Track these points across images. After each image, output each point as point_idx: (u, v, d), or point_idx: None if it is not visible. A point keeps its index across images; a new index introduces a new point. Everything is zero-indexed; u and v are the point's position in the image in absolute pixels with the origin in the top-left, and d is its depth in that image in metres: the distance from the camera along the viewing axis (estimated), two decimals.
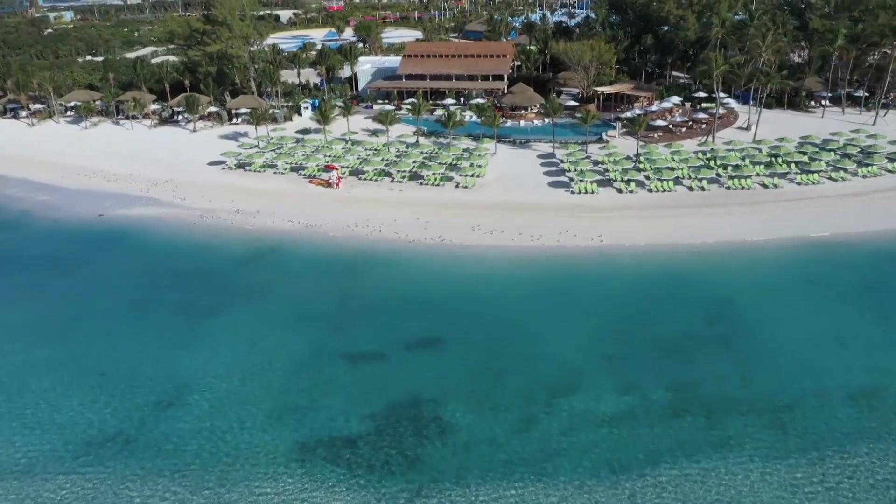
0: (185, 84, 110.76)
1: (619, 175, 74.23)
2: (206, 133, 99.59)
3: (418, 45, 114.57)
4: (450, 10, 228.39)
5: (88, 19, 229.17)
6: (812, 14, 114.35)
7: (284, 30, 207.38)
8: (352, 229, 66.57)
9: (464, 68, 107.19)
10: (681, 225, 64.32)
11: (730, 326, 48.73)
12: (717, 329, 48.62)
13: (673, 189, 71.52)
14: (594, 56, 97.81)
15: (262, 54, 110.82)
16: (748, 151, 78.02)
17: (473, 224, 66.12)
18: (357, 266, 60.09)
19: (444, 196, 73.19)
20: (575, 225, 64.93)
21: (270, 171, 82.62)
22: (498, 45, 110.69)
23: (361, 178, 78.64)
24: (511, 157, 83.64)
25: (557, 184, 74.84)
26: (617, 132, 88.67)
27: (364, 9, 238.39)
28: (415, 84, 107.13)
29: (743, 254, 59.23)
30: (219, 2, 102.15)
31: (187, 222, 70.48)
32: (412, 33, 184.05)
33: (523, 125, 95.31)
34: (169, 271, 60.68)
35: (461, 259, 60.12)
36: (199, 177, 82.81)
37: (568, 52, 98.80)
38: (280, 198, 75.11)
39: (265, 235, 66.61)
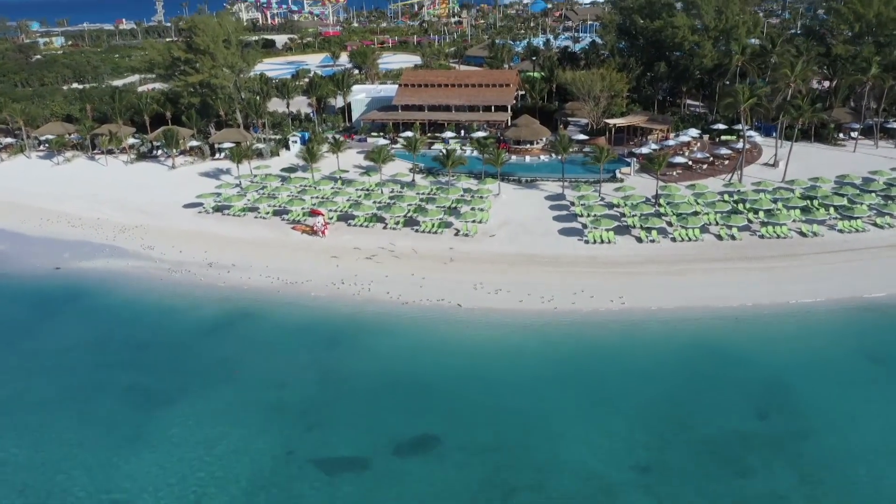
0: (167, 116, 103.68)
1: (637, 221, 66.33)
2: (186, 170, 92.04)
3: (415, 73, 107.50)
4: (450, 35, 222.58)
5: (79, 45, 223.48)
6: (833, 39, 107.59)
7: (279, 55, 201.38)
8: (337, 287, 58.54)
9: (464, 98, 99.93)
10: (713, 282, 56.23)
11: (787, 422, 40.45)
12: (772, 425, 40.33)
13: (699, 238, 63.54)
14: (605, 86, 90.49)
15: (248, 84, 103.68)
16: (781, 194, 70.13)
17: (475, 281, 58.10)
18: (341, 336, 51.92)
19: (443, 245, 65.26)
20: (591, 283, 56.86)
21: (251, 214, 74.82)
22: (501, 73, 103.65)
23: (351, 223, 70.78)
24: (516, 198, 75.85)
25: (569, 231, 66.91)
26: (632, 169, 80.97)
27: (362, 33, 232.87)
28: (411, 116, 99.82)
29: (788, 320, 51.07)
30: (201, 29, 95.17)
31: (153, 278, 62.50)
32: (411, 58, 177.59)
33: (529, 161, 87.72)
34: (124, 343, 52.52)
35: (461, 327, 51.99)
36: (173, 221, 75.01)
37: (576, 81, 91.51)
38: (259, 247, 67.23)
39: (239, 295, 58.56)
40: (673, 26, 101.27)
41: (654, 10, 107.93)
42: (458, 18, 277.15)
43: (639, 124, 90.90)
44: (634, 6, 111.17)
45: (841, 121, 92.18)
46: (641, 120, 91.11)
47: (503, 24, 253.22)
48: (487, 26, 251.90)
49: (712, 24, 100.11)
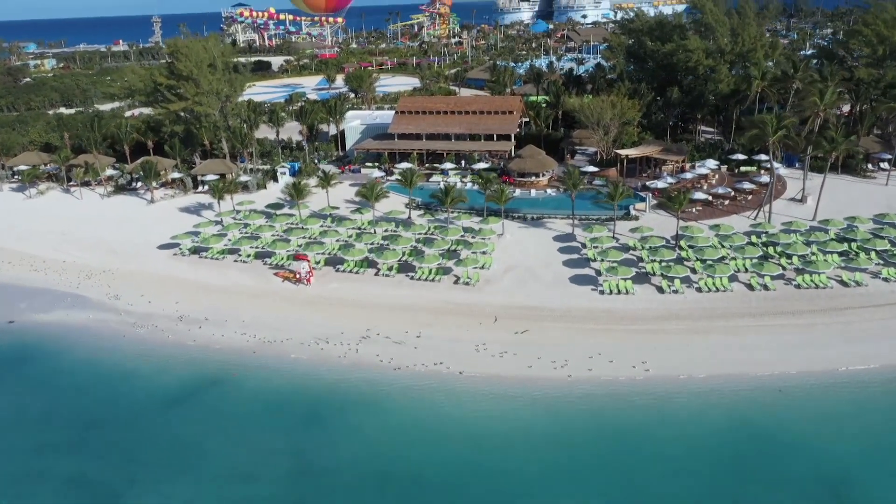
0: (148, 145, 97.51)
1: (657, 268, 59.59)
2: (166, 204, 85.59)
3: (412, 100, 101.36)
4: (450, 56, 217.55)
5: (70, 67, 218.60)
6: (855, 62, 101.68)
7: (275, 77, 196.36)
8: (321, 348, 51.70)
9: (464, 127, 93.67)
10: (747, 343, 49.33)
11: None
12: None
13: (728, 288, 56.69)
14: (615, 114, 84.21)
15: (236, 110, 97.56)
16: (816, 236, 63.32)
17: (478, 340, 51.28)
18: (322, 411, 44.97)
19: (441, 296, 58.48)
20: (609, 344, 49.99)
21: (231, 257, 68.18)
22: (503, 100, 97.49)
23: (339, 268, 64.06)
24: (522, 238, 69.17)
25: (581, 278, 60.10)
26: (647, 205, 74.37)
27: (360, 54, 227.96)
28: (408, 145, 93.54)
29: (841, 393, 44.12)
30: (183, 53, 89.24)
31: (115, 334, 55.71)
32: (410, 80, 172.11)
33: (534, 195, 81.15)
34: (72, 419, 45.61)
35: (462, 400, 45.10)
36: (145, 264, 68.37)
37: (584, 109, 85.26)
38: (237, 297, 60.49)
39: (209, 357, 51.71)
40: (686, 49, 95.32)
41: (665, 32, 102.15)
42: (459, 39, 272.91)
43: (652, 155, 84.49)
44: (644, 28, 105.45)
45: (870, 150, 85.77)
46: (655, 150, 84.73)
47: (504, 45, 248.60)
48: (488, 47, 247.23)
49: (728, 48, 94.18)
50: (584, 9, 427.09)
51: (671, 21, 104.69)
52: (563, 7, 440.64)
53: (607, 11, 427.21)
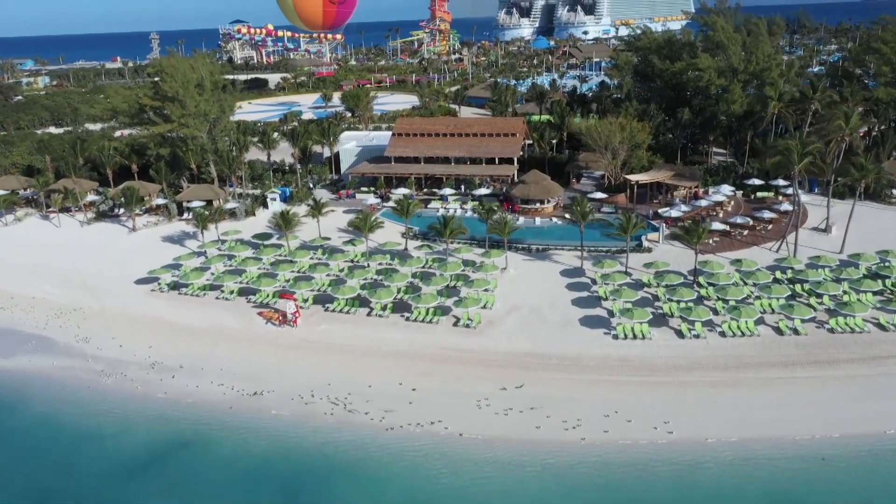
0: (132, 169, 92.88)
1: (675, 308, 54.48)
2: (149, 232, 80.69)
3: (410, 121, 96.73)
4: (450, 73, 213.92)
5: (63, 85, 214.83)
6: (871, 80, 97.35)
7: (272, 95, 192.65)
8: (305, 403, 46.51)
9: (465, 150, 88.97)
10: (782, 400, 44.13)
11: None
12: None
13: (755, 332, 51.54)
14: (625, 137, 79.52)
15: (225, 132, 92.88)
16: (848, 273, 58.20)
17: (479, 395, 46.10)
18: (304, 482, 39.76)
19: (439, 340, 53.35)
20: (625, 398, 44.82)
21: (213, 294, 63.14)
22: (506, 121, 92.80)
23: (329, 307, 58.98)
24: (527, 273, 64.14)
25: (593, 320, 54.97)
26: (661, 236, 69.43)
27: (359, 71, 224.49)
28: (405, 169, 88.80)
29: (892, 462, 38.83)
30: (169, 73, 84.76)
31: (79, 384, 50.59)
32: (408, 98, 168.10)
33: (539, 223, 76.26)
34: (20, 491, 40.33)
35: (462, 466, 39.87)
36: (120, 302, 63.33)
37: (592, 131, 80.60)
38: (216, 340, 55.39)
39: (181, 413, 46.52)
40: (697, 68, 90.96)
41: (674, 50, 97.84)
42: (459, 55, 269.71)
43: (664, 181, 79.68)
44: (652, 46, 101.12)
45: (893, 175, 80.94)
46: (666, 175, 79.91)
47: (505, 62, 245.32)
48: (489, 63, 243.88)
49: (741, 67, 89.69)
50: (585, 25, 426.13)
51: (680, 39, 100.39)
52: (564, 23, 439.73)
53: (608, 28, 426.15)
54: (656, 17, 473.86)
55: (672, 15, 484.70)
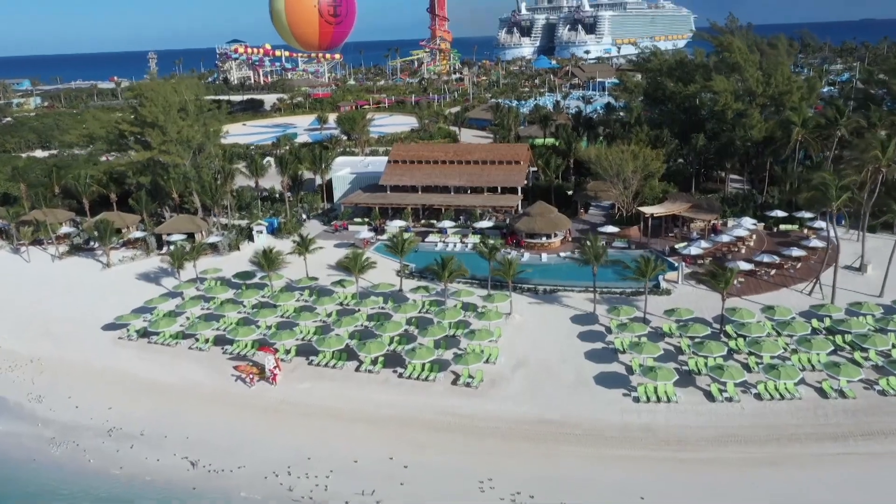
0: (111, 198, 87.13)
1: (703, 365, 48.24)
2: (124, 269, 74.69)
3: (406, 147, 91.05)
4: (450, 94, 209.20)
5: (54, 106, 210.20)
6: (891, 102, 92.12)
7: (267, 117, 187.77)
8: (280, 482, 40.14)
9: (465, 178, 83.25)
10: (838, 483, 37.72)
11: None
12: None
13: (795, 395, 45.22)
14: (637, 166, 73.74)
15: (209, 159, 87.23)
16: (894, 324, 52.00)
17: (482, 474, 39.74)
18: None
19: (436, 402, 47.06)
20: (652, 481, 38.44)
21: (186, 343, 56.94)
22: (509, 148, 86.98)
23: (314, 361, 52.73)
24: (534, 319, 57.97)
25: (609, 378, 48.69)
26: (680, 275, 63.33)
27: (357, 92, 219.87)
28: (402, 199, 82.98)
29: None
30: (149, 98, 79.32)
31: (25, 454, 44.32)
32: (407, 120, 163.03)
33: (545, 260, 70.27)
34: None
35: None
36: (83, 351, 57.14)
37: (602, 160, 74.80)
38: (185, 400, 49.13)
39: (137, 493, 40.18)
40: (712, 91, 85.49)
41: (687, 72, 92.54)
42: (460, 75, 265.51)
43: (681, 213, 73.73)
44: (662, 68, 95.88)
45: None
46: (683, 208, 73.95)
47: (506, 82, 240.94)
48: (490, 83, 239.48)
49: (760, 90, 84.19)
50: (586, 44, 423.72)
51: (692, 60, 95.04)
52: (565, 42, 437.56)
53: (608, 47, 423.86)
54: (657, 36, 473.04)
55: (673, 34, 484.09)
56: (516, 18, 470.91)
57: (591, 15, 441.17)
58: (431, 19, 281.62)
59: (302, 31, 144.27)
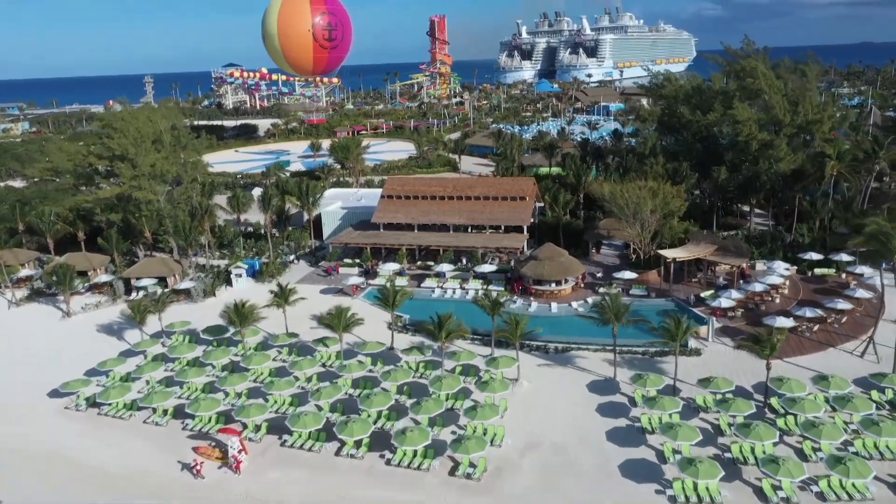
0: (79, 237, 79.90)
1: (748, 451, 40.35)
2: (85, 319, 67.16)
3: (402, 181, 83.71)
4: (450, 119, 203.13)
5: (41, 132, 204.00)
6: None
7: (261, 143, 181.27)
8: None
9: (465, 215, 75.93)
10: None
11: None
12: None
13: (867, 494, 37.23)
14: (657, 204, 66.41)
15: (185, 194, 79.99)
16: None
17: None
18: None
19: (431, 499, 39.06)
20: None
21: (142, 415, 49.05)
22: (514, 182, 79.57)
23: (287, 441, 44.78)
24: (545, 386, 50.15)
25: (637, 467, 40.72)
26: (710, 330, 55.62)
27: (355, 117, 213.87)
28: (396, 238, 75.57)
29: None
30: (118, 128, 72.37)
31: None
32: (405, 147, 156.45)
33: (555, 311, 62.69)
34: None
35: None
36: (20, 425, 49.19)
37: (617, 197, 67.49)
38: (130, 494, 41.08)
39: None
40: (734, 120, 78.48)
41: (705, 99, 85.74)
42: (460, 99, 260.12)
43: (706, 257, 66.20)
44: (679, 95, 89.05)
45: None
46: (708, 251, 66.40)
47: (508, 106, 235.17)
48: (491, 107, 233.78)
49: (787, 119, 77.21)
50: (588, 68, 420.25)
51: (710, 86, 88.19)
52: (566, 66, 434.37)
53: (610, 70, 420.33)
54: (658, 59, 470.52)
55: (674, 57, 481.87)
56: (517, 42, 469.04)
57: (592, 38, 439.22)
58: (431, 43, 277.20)
59: (295, 56, 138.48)
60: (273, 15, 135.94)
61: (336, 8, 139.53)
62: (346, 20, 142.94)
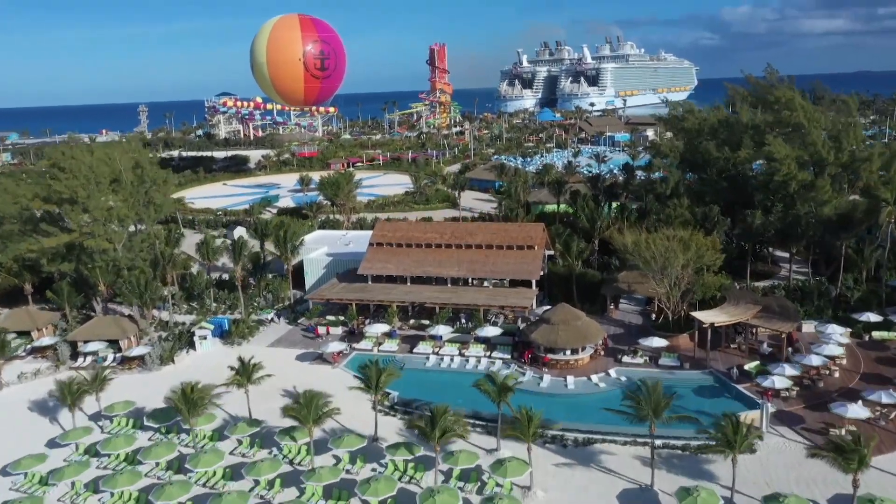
0: (25, 289, 70.24)
1: None
2: (19, 392, 57.07)
3: (392, 227, 73.59)
4: (450, 150, 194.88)
5: (22, 163, 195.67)
6: None
7: (251, 175, 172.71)
8: None
9: (466, 267, 66.30)
10: None
11: None
12: None
13: None
14: (690, 259, 56.68)
15: (148, 241, 70.41)
16: None
17: None
18: None
19: None
20: None
21: None
22: (521, 228, 69.52)
23: None
24: (564, 496, 39.91)
25: None
26: (764, 418, 45.49)
27: (350, 148, 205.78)
28: (385, 294, 65.74)
29: None
30: (66, 169, 63.10)
31: None
32: (402, 180, 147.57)
33: (571, 386, 52.66)
34: None
35: None
36: None
37: (643, 251, 57.77)
38: None
39: None
40: (770, 158, 69.22)
41: (734, 133, 76.65)
42: (460, 129, 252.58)
43: (749, 322, 56.27)
44: (703, 128, 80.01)
45: None
46: (750, 314, 56.47)
47: (510, 136, 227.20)
48: (492, 137, 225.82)
49: (830, 157, 67.96)
50: (589, 96, 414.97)
51: (737, 118, 79.07)
52: (567, 94, 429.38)
53: (611, 99, 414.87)
54: (660, 87, 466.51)
55: (675, 86, 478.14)
56: (517, 71, 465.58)
57: (593, 67, 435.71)
58: (431, 71, 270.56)
59: (285, 85, 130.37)
60: (262, 42, 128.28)
61: (329, 35, 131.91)
62: (340, 48, 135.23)
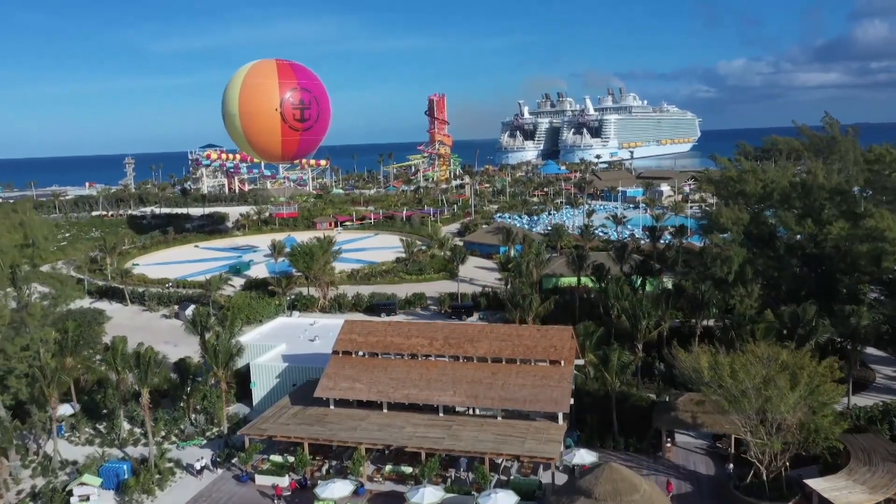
0: None
1: None
2: None
3: (363, 328, 53.11)
4: (449, 206, 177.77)
5: None
6: None
7: (227, 236, 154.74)
8: None
9: (465, 390, 46.91)
10: None
11: None
12: None
13: None
14: (802, 395, 37.41)
15: (33, 348, 51.43)
16: None
17: None
18: None
19: None
20: None
21: None
22: (542, 335, 49.26)
23: None
24: None
25: None
26: None
27: (340, 204, 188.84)
28: (350, 430, 46.08)
29: None
30: None
31: None
32: (393, 244, 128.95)
33: None
34: None
35: None
36: None
37: (725, 379, 38.60)
38: None
39: None
40: (873, 236, 50.92)
41: (814, 200, 58.53)
42: (461, 182, 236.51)
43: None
44: (773, 194, 61.95)
45: None
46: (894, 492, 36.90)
47: (513, 191, 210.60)
48: (494, 192, 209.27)
49: None
50: (592, 148, 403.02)
51: (818, 181, 61.06)
52: (570, 146, 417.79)
53: (615, 150, 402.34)
54: (663, 139, 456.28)
55: (678, 138, 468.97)
56: (519, 122, 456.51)
57: (596, 119, 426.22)
58: (430, 122, 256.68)
59: (261, 139, 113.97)
60: (234, 90, 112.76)
61: (310, 83, 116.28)
62: (323, 96, 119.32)
